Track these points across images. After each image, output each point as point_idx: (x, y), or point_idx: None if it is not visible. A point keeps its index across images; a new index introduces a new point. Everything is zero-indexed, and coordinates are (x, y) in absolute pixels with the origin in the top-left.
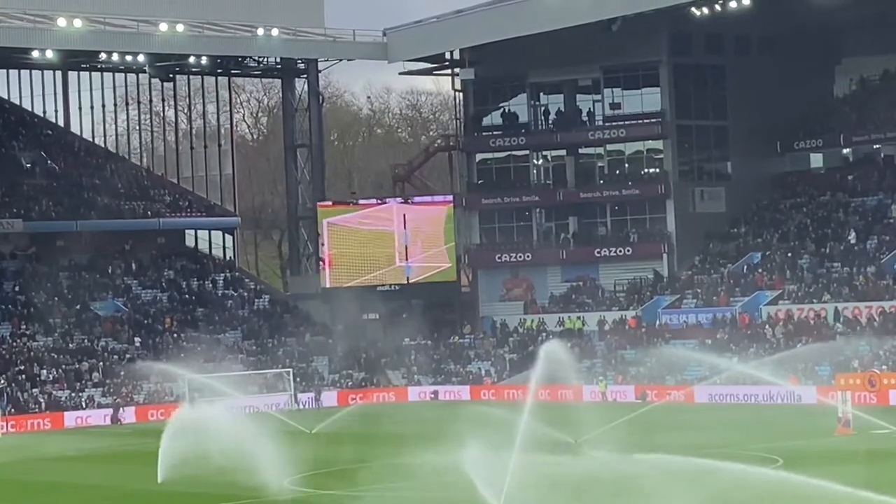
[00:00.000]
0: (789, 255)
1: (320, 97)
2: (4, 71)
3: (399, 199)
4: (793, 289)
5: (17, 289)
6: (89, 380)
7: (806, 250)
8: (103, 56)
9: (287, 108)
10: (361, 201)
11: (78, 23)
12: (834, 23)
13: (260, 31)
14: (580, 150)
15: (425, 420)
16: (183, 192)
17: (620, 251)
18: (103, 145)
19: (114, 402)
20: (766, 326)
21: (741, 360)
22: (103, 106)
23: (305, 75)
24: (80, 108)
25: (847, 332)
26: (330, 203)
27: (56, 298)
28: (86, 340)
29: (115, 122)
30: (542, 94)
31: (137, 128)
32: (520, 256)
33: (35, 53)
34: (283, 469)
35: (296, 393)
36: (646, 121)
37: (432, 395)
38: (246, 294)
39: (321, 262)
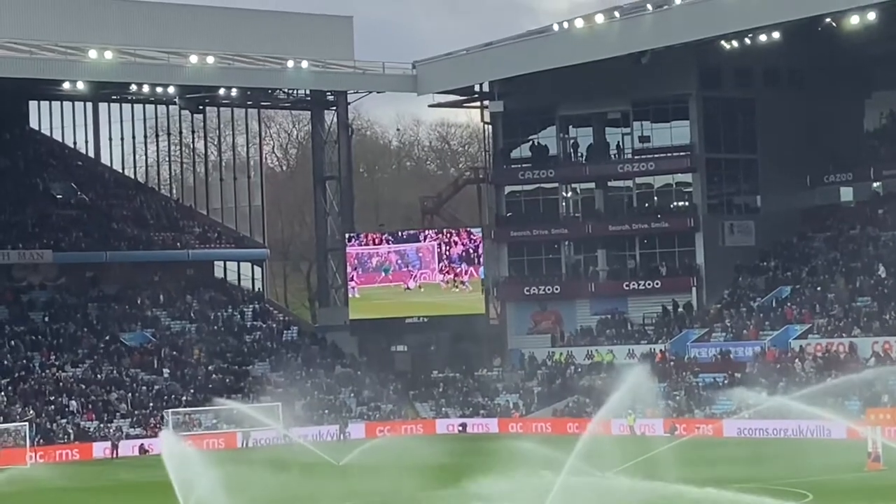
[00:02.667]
0: (819, 288)
1: (349, 129)
2: (36, 102)
3: (433, 233)
4: (822, 323)
5: (46, 319)
6: (117, 410)
7: (835, 284)
8: (133, 88)
9: (316, 139)
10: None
11: (108, 55)
12: (864, 56)
13: (290, 64)
14: (609, 183)
15: (452, 452)
16: (212, 224)
17: (649, 284)
18: (133, 177)
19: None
20: (796, 360)
21: (770, 396)
22: (133, 137)
23: (335, 107)
24: (110, 140)
25: (877, 367)
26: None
27: (85, 329)
28: (114, 371)
29: (145, 154)
30: (571, 126)
31: (167, 159)
32: (548, 289)
33: (66, 85)
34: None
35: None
36: (675, 154)
37: (460, 428)
38: (274, 325)
39: (351, 290)
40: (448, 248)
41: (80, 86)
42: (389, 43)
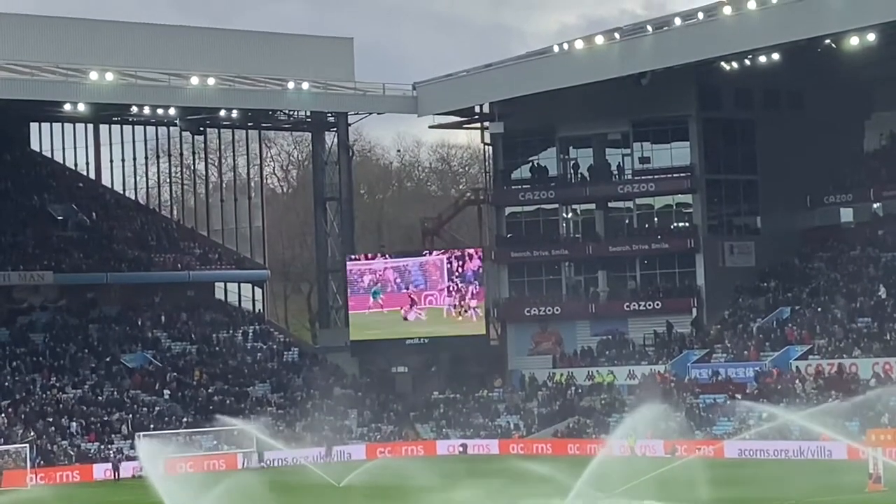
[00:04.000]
0: (819, 309)
1: (350, 150)
2: (37, 124)
3: (437, 253)
4: (822, 343)
5: (47, 341)
6: (118, 432)
7: (836, 305)
8: (134, 109)
9: (317, 161)
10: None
11: (109, 76)
12: (864, 77)
13: (290, 85)
14: (609, 204)
15: (453, 474)
16: (213, 245)
17: (650, 305)
18: (134, 198)
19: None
20: (797, 381)
21: (771, 417)
22: (134, 159)
23: (335, 128)
24: (111, 161)
25: (877, 387)
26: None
27: (86, 350)
28: (115, 392)
29: (146, 175)
30: (571, 147)
31: (168, 180)
32: (549, 310)
33: (67, 106)
34: None
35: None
36: (675, 175)
37: (461, 449)
38: (275, 346)
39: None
40: (461, 263)
41: (81, 107)
42: (390, 64)
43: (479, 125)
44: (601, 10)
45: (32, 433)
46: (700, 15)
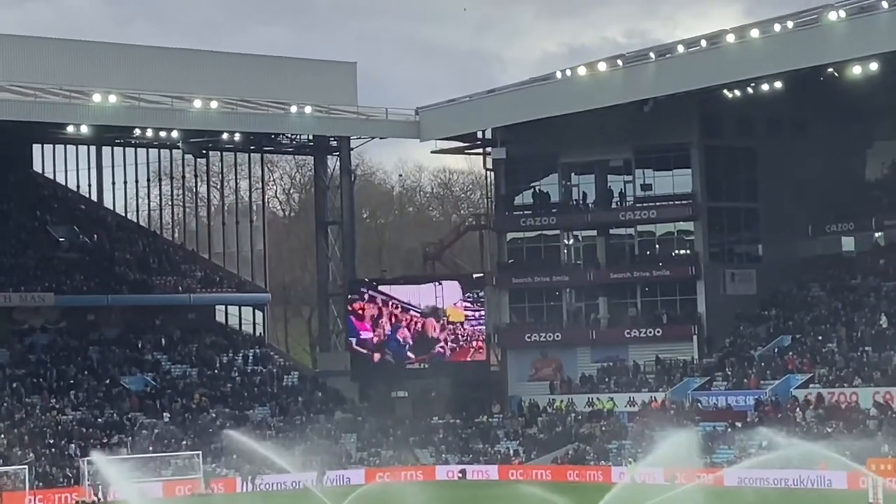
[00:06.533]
0: (820, 338)
1: (352, 175)
2: (39, 145)
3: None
4: (823, 372)
5: (47, 362)
6: (118, 454)
7: (837, 334)
8: (137, 132)
9: (319, 185)
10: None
11: (112, 99)
12: (866, 106)
13: (293, 109)
14: (611, 231)
15: (451, 499)
16: (214, 268)
17: (650, 332)
18: (136, 220)
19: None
20: (797, 410)
21: (771, 446)
22: (136, 181)
23: (338, 152)
24: (113, 184)
25: (878, 417)
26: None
27: (86, 372)
28: (115, 415)
29: (148, 198)
30: (573, 174)
31: (170, 203)
32: (549, 336)
33: (70, 128)
34: None
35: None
36: (677, 202)
37: (460, 475)
38: (275, 370)
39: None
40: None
41: (84, 129)
42: (392, 89)
43: (481, 151)
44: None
45: (31, 455)
46: (703, 42)
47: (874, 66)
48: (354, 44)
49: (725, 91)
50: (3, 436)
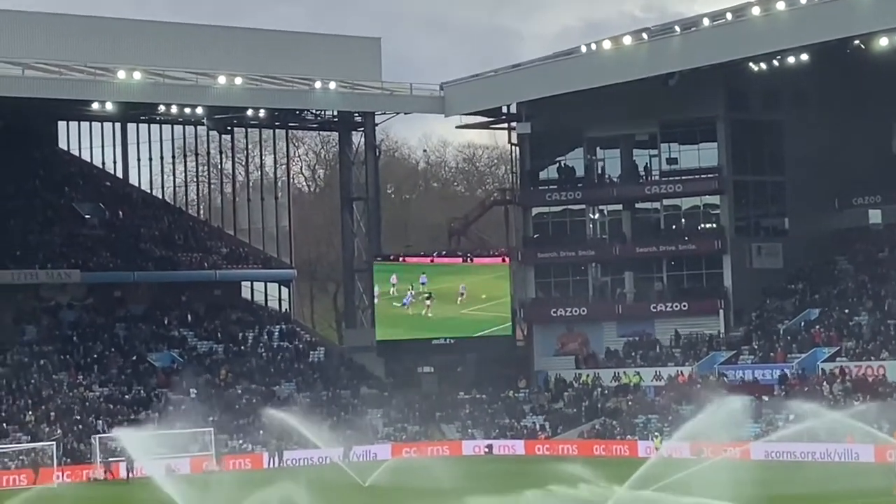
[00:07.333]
0: (847, 311)
1: (377, 150)
2: (65, 123)
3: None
4: (850, 346)
5: (73, 339)
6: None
7: (864, 307)
8: (162, 108)
9: (344, 160)
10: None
11: (137, 75)
12: (892, 78)
13: (318, 85)
14: (637, 205)
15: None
16: (239, 244)
17: (676, 306)
18: (161, 197)
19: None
20: (824, 383)
21: (798, 418)
22: (161, 158)
23: (362, 128)
24: (138, 160)
25: None
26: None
27: (112, 349)
28: (142, 391)
29: (173, 174)
30: (598, 148)
31: (195, 180)
32: (575, 311)
33: (95, 105)
34: None
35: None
36: (703, 176)
37: (486, 450)
38: (301, 346)
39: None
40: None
41: (109, 106)
42: (417, 64)
43: (506, 125)
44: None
45: (59, 431)
46: (728, 15)
47: None
48: (369, 21)
49: (751, 64)
50: (31, 412)
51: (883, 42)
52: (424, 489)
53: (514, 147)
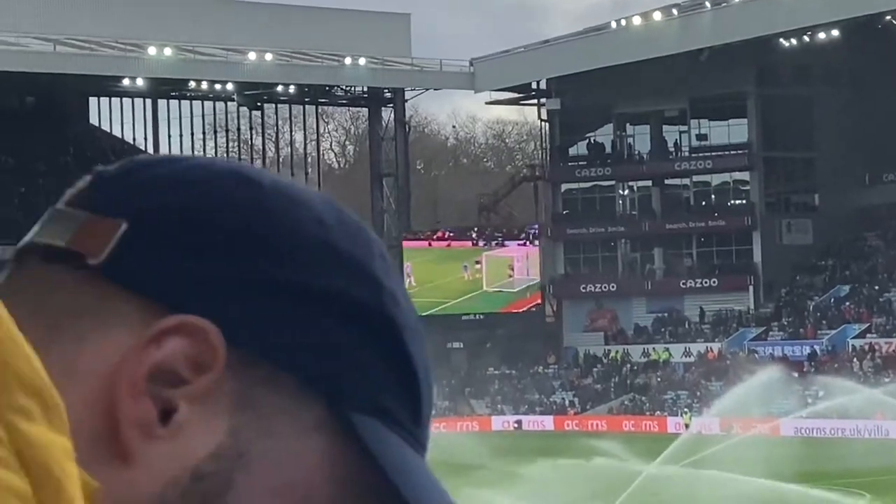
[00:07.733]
0: (877, 287)
1: (406, 126)
2: (96, 99)
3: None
4: (880, 322)
5: None
6: None
7: (894, 284)
8: (192, 84)
9: (374, 136)
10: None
11: (168, 51)
12: None
13: (347, 61)
14: (666, 181)
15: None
16: None
17: (706, 283)
18: None
19: None
20: (854, 360)
21: (828, 395)
22: (192, 134)
23: (392, 104)
24: (168, 136)
25: None
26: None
27: None
28: None
29: (204, 150)
30: (628, 124)
31: (225, 155)
32: (604, 287)
33: (126, 81)
34: None
35: None
36: (732, 152)
37: (516, 425)
38: None
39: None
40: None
41: (140, 82)
42: (447, 40)
43: (535, 101)
44: None
45: None
46: None
47: None
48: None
49: (781, 40)
50: None
51: None
52: (456, 463)
53: (543, 123)
